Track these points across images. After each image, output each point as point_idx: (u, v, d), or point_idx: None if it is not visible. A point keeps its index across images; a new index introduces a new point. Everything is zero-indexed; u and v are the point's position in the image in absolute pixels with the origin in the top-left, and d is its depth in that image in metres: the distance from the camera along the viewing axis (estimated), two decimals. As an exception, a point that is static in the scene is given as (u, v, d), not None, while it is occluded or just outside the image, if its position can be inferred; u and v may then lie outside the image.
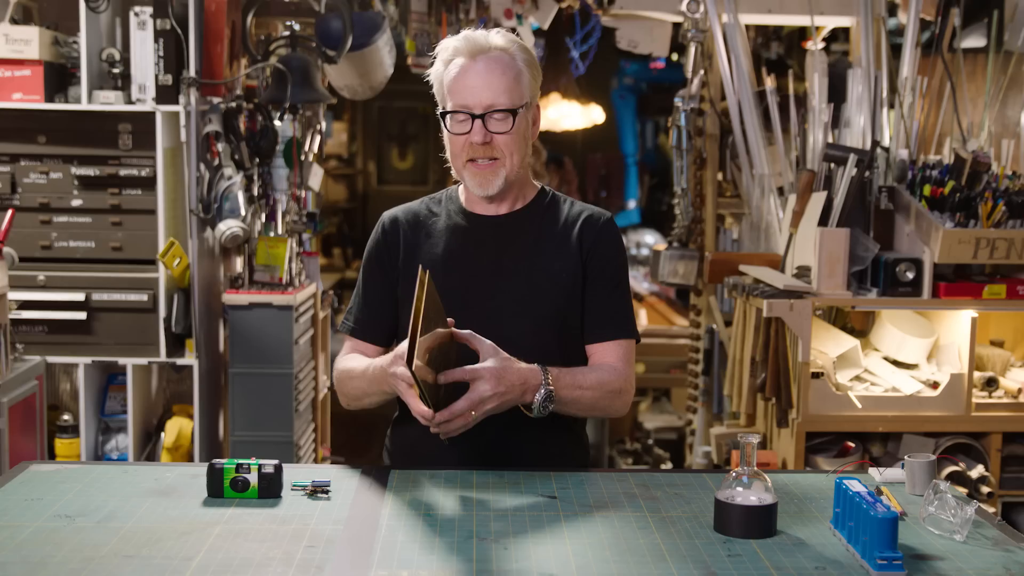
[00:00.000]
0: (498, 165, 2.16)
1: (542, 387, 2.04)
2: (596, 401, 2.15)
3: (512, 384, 2.00)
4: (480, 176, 2.16)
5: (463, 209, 2.27)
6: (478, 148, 2.14)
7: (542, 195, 2.30)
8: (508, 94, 2.12)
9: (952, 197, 3.31)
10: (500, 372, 1.99)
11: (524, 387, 2.03)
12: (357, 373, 2.19)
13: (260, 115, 3.89)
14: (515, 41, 2.18)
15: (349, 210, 10.90)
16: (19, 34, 3.50)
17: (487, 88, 2.12)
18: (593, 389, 2.14)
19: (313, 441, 4.24)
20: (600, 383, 2.16)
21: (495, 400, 1.99)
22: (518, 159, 2.17)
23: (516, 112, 2.13)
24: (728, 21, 4.07)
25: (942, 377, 3.32)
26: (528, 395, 2.04)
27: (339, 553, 1.68)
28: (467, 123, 2.13)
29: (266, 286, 3.82)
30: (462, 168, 2.18)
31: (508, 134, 2.14)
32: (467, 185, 2.21)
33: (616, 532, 1.79)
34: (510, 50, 2.15)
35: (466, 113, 2.13)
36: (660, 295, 7.54)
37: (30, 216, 3.59)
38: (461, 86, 2.13)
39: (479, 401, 1.97)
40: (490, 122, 2.12)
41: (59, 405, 3.84)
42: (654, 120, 10.48)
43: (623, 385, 2.19)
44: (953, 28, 3.81)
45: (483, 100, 2.12)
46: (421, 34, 5.00)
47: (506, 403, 2.02)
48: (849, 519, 1.72)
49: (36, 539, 1.71)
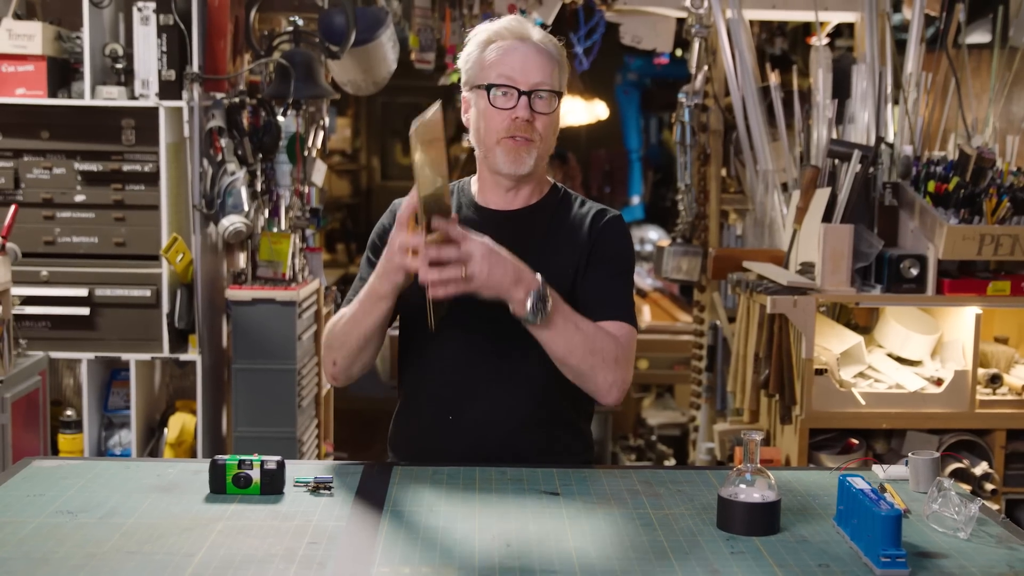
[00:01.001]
0: (532, 146, 2.15)
1: (536, 288, 1.97)
2: (588, 354, 2.05)
3: (504, 264, 1.95)
4: (515, 152, 2.15)
5: (475, 202, 2.26)
6: (520, 124, 2.13)
7: (554, 191, 2.29)
8: (553, 77, 2.16)
9: (956, 193, 3.30)
10: (493, 248, 1.95)
11: (517, 277, 1.96)
12: (347, 312, 2.15)
13: (263, 110, 3.88)
14: (552, 39, 2.21)
15: (353, 206, 10.89)
16: (22, 29, 3.50)
17: (536, 67, 2.14)
18: (587, 336, 2.05)
19: (316, 437, 4.24)
20: (596, 335, 2.07)
21: (484, 266, 1.92)
22: (548, 145, 2.19)
23: (560, 96, 2.16)
24: (732, 16, 4.06)
25: (946, 374, 3.31)
26: (519, 290, 1.96)
27: (341, 549, 1.68)
28: (512, 98, 2.13)
29: (269, 282, 3.82)
30: (495, 145, 2.16)
31: (548, 116, 2.15)
32: (496, 163, 2.17)
33: (619, 529, 1.79)
34: (549, 45, 2.19)
35: (513, 87, 2.13)
36: (663, 291, 7.52)
37: (33, 212, 3.60)
38: (508, 61, 2.14)
39: (468, 256, 1.91)
40: (535, 101, 2.13)
41: (62, 401, 3.84)
42: (658, 116, 10.45)
43: (619, 355, 2.09)
44: (958, 24, 3.80)
45: (531, 78, 2.13)
46: (424, 29, 4.99)
47: (494, 282, 1.94)
48: (853, 516, 1.72)
49: (38, 535, 1.71)
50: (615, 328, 2.14)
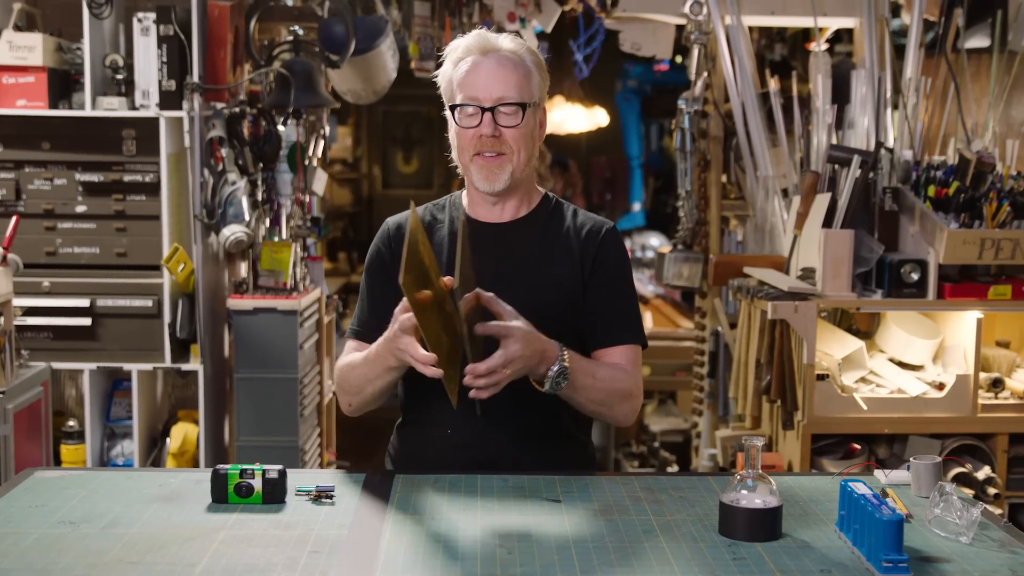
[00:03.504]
0: (504, 160, 2.16)
1: (558, 361, 2.02)
2: (605, 396, 2.13)
3: (535, 349, 1.99)
4: (487, 170, 2.16)
5: (467, 215, 2.26)
6: (487, 141, 2.14)
7: (546, 202, 2.29)
8: (518, 88, 2.14)
9: (956, 198, 3.30)
10: (529, 335, 1.97)
11: (542, 356, 2.01)
12: (358, 361, 2.17)
13: (264, 120, 3.89)
14: (524, 45, 2.20)
15: (354, 214, 10.90)
16: (23, 41, 3.51)
17: (498, 81, 2.13)
18: (604, 382, 2.12)
19: (318, 446, 4.23)
20: (611, 379, 2.14)
21: (522, 362, 1.96)
22: (524, 157, 2.17)
23: (525, 107, 2.14)
24: (731, 23, 4.06)
25: (948, 378, 3.31)
26: (543, 366, 2.01)
27: (343, 558, 1.68)
28: (476, 116, 2.14)
29: (271, 291, 3.82)
30: (468, 163, 2.18)
31: (516, 129, 2.14)
32: (473, 182, 2.20)
33: (621, 536, 1.79)
34: (519, 52, 2.17)
35: (476, 106, 2.13)
36: (665, 297, 7.53)
37: (35, 222, 3.60)
38: (472, 80, 2.14)
39: (512, 360, 1.95)
40: (499, 115, 2.13)
41: (64, 411, 3.84)
42: (658, 122, 10.46)
43: (632, 388, 2.18)
44: (957, 28, 3.81)
45: (493, 93, 2.13)
46: (424, 38, 5.00)
47: (526, 368, 1.99)
48: (855, 521, 1.72)
49: (40, 546, 1.71)
50: (625, 355, 2.20)
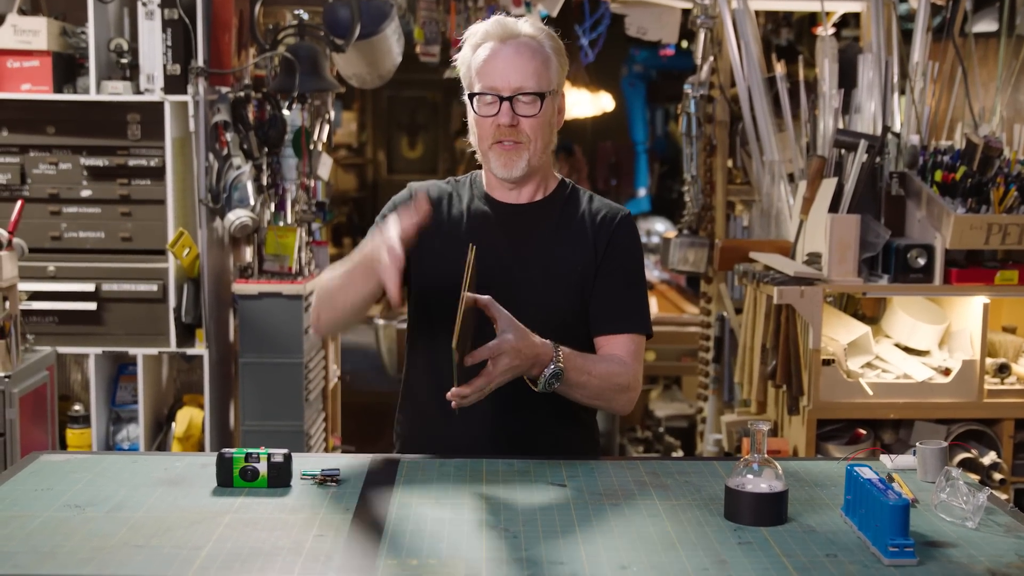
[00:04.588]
0: (522, 148, 2.16)
1: (552, 363, 2.03)
2: (601, 391, 2.14)
3: (527, 357, 2.00)
4: (504, 157, 2.16)
5: (485, 194, 2.27)
6: (504, 130, 2.14)
7: (563, 187, 2.30)
8: (536, 78, 2.13)
9: (964, 183, 3.29)
10: (519, 346, 1.98)
11: (535, 360, 2.02)
12: (339, 269, 2.16)
13: (269, 104, 3.88)
14: (544, 30, 2.19)
15: (359, 199, 10.90)
16: (27, 25, 3.51)
17: (516, 71, 2.13)
18: (600, 378, 2.13)
19: (324, 430, 4.24)
20: (608, 374, 2.15)
21: (510, 373, 1.98)
22: (542, 144, 2.18)
23: (543, 96, 2.14)
24: (737, 7, 4.04)
25: (954, 364, 3.30)
26: (536, 369, 2.03)
27: (348, 542, 1.68)
28: (494, 105, 2.14)
29: (276, 276, 3.82)
30: (487, 150, 2.19)
31: (534, 118, 2.14)
32: (491, 168, 2.21)
33: (626, 520, 1.79)
34: (539, 37, 2.17)
35: (494, 95, 2.13)
36: (671, 283, 7.53)
37: (40, 207, 3.60)
38: (490, 68, 2.14)
39: (499, 374, 1.96)
40: (517, 105, 2.13)
41: (70, 395, 3.85)
42: (664, 107, 10.45)
43: (630, 381, 2.18)
44: (964, 13, 3.79)
45: (511, 82, 2.13)
46: (429, 22, 4.99)
47: (518, 374, 2.01)
48: (860, 506, 1.71)
49: (46, 529, 1.72)
50: (626, 346, 2.20)
